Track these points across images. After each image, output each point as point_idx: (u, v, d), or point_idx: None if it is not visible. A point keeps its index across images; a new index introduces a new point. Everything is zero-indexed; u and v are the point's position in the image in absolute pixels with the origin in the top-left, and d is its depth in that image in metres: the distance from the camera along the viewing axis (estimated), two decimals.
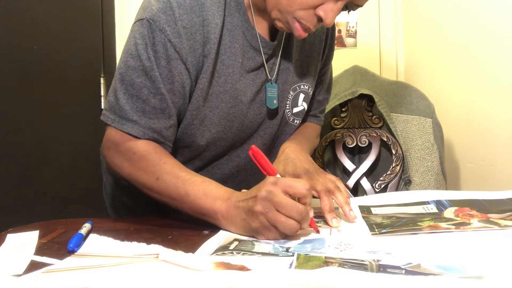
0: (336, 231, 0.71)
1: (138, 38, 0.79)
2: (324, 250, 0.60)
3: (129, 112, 0.79)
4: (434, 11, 1.64)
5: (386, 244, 0.61)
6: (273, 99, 0.91)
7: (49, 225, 0.77)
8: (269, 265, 0.54)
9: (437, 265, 0.50)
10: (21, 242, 0.68)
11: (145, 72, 0.79)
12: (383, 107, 1.44)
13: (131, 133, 0.80)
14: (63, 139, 1.64)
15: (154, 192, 0.79)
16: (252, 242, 0.66)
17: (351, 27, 1.88)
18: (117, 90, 0.80)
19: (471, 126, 1.46)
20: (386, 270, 0.49)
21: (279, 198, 0.65)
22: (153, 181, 0.77)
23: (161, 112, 0.81)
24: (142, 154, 0.79)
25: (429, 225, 0.68)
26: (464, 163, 1.51)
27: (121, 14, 1.78)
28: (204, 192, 0.73)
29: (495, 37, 1.34)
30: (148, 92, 0.79)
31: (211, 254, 0.60)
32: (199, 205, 0.73)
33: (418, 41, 1.78)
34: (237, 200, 0.70)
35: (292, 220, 0.64)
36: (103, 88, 1.75)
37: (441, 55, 1.60)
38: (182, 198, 0.74)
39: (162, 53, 0.79)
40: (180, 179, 0.75)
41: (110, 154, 0.83)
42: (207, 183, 0.75)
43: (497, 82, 1.34)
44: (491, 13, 1.35)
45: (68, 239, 0.65)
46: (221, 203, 0.71)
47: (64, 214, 0.90)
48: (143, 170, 0.78)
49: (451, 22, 1.53)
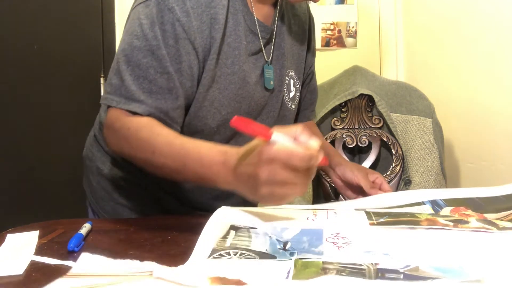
0: (333, 214, 0.71)
1: (144, 19, 0.78)
2: (321, 248, 0.59)
3: (136, 92, 0.77)
4: (434, 11, 1.64)
5: (384, 241, 0.60)
6: (270, 80, 0.92)
7: (49, 225, 0.76)
8: (266, 274, 0.53)
9: (435, 267, 0.50)
10: (21, 242, 0.68)
11: (152, 52, 0.77)
12: (383, 107, 1.44)
13: (137, 112, 0.77)
14: (63, 139, 1.64)
15: (153, 167, 0.76)
16: (249, 232, 0.65)
17: (351, 27, 1.88)
18: (122, 72, 0.78)
19: (471, 126, 1.46)
20: (385, 275, 0.49)
21: (281, 175, 0.60)
22: (150, 155, 0.74)
23: (168, 92, 0.79)
24: (136, 129, 0.76)
25: (427, 218, 0.68)
26: (464, 163, 1.51)
27: (121, 14, 1.78)
28: (199, 159, 0.70)
29: (495, 37, 1.34)
30: (154, 72, 0.78)
31: (208, 257, 0.58)
32: (199, 175, 0.71)
33: (418, 41, 1.78)
34: (234, 167, 0.66)
35: (299, 187, 0.61)
36: (103, 88, 1.75)
37: (441, 55, 1.60)
38: (181, 170, 0.72)
39: (170, 32, 0.78)
40: (174, 150, 0.73)
41: (108, 134, 0.81)
42: (200, 147, 0.72)
43: (497, 82, 1.34)
44: (491, 13, 1.35)
45: (68, 239, 0.65)
46: (217, 169, 0.68)
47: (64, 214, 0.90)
48: (138, 146, 0.76)
49: (451, 22, 1.53)
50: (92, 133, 1.06)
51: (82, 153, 1.06)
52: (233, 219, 0.69)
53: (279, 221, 0.69)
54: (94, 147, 1.01)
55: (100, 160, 0.99)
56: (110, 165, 0.98)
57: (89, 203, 1.04)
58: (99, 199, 1.00)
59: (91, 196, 1.02)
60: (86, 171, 1.04)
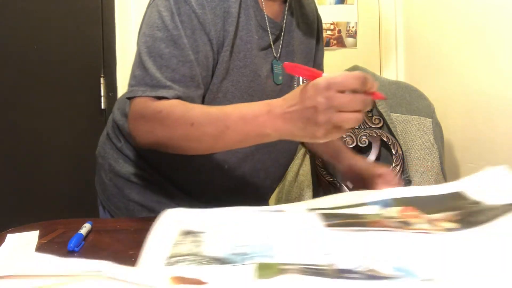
0: (286, 215, 0.72)
1: (163, 11, 0.80)
2: (275, 250, 0.58)
3: (161, 79, 0.78)
4: (434, 11, 1.64)
5: (336, 242, 0.61)
6: (278, 75, 0.94)
7: (49, 225, 0.76)
8: (226, 276, 0.52)
9: (395, 268, 0.51)
10: (21, 243, 0.68)
11: (174, 41, 0.79)
12: (383, 107, 1.44)
13: (165, 96, 0.77)
14: (63, 139, 1.64)
15: (193, 141, 0.75)
16: (200, 236, 0.63)
17: (351, 27, 1.88)
18: (145, 62, 0.79)
19: (471, 126, 1.46)
20: (344, 275, 0.49)
21: (340, 99, 0.62)
22: (188, 128, 0.73)
23: (191, 80, 0.80)
24: (168, 109, 0.76)
25: (375, 220, 0.70)
26: (464, 163, 1.51)
27: (121, 14, 1.78)
28: (241, 117, 0.70)
29: (495, 37, 1.34)
30: (177, 61, 0.79)
31: (162, 263, 0.56)
32: (243, 132, 0.70)
33: (418, 41, 1.78)
34: (282, 112, 0.66)
35: (357, 113, 0.63)
36: (103, 88, 1.75)
37: (441, 55, 1.60)
38: (223, 133, 0.71)
39: (187, 23, 0.80)
40: (213, 116, 0.73)
41: (138, 124, 0.79)
42: (239, 107, 0.73)
43: (497, 82, 1.34)
44: (491, 13, 1.35)
45: (68, 239, 0.65)
46: (263, 120, 0.68)
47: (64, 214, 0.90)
48: (174, 123, 0.75)
49: (451, 22, 1.53)
50: (105, 132, 1.07)
51: (95, 152, 1.07)
52: (182, 223, 0.68)
53: (231, 224, 0.69)
54: (107, 144, 1.03)
55: (112, 158, 1.00)
56: (122, 162, 0.99)
57: (100, 201, 1.04)
58: (110, 196, 1.00)
59: (102, 193, 1.03)
60: (98, 169, 1.05)
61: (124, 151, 0.98)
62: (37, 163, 1.57)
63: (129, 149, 0.98)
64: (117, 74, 1.77)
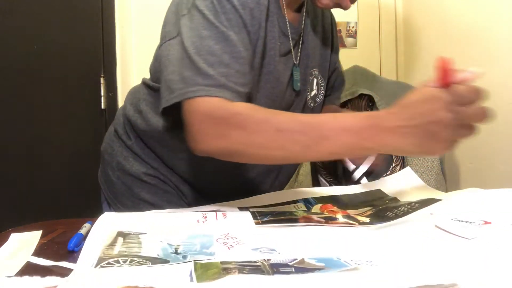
0: (222, 215, 0.74)
1: (205, 11, 0.76)
2: (213, 249, 0.60)
3: (216, 76, 0.72)
4: (434, 11, 1.64)
5: (269, 238, 0.64)
6: (297, 81, 0.93)
7: (49, 225, 0.76)
8: (170, 277, 0.52)
9: (317, 259, 0.55)
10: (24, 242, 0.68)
11: (224, 37, 0.75)
12: (383, 107, 1.44)
13: (225, 97, 0.72)
14: (63, 139, 1.64)
15: (276, 149, 0.68)
16: (138, 238, 0.64)
17: (351, 27, 1.88)
18: (196, 62, 0.73)
19: None
20: (279, 270, 0.52)
21: (466, 113, 0.61)
22: (273, 134, 0.67)
23: (243, 76, 0.76)
24: (248, 112, 0.70)
25: (303, 216, 0.75)
26: (464, 163, 1.51)
27: (121, 14, 1.78)
28: (343, 128, 0.65)
29: (495, 37, 1.34)
30: (229, 57, 0.74)
31: (95, 267, 0.55)
32: (343, 144, 0.65)
33: (418, 41, 1.78)
34: (394, 126, 0.62)
35: (473, 126, 0.63)
36: (103, 88, 1.75)
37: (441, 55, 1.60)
38: (318, 143, 0.66)
39: (234, 21, 0.77)
40: (305, 123, 0.67)
41: (206, 127, 0.71)
42: (336, 117, 0.67)
43: (497, 82, 1.34)
44: (491, 13, 1.35)
45: (68, 239, 0.65)
46: (369, 133, 0.63)
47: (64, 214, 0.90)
48: (257, 128, 0.68)
49: (451, 22, 1.53)
50: (112, 128, 1.05)
51: (100, 147, 1.05)
52: (120, 225, 0.68)
53: (169, 225, 0.70)
54: (115, 142, 1.01)
55: (121, 156, 0.99)
56: (132, 160, 0.97)
57: (105, 197, 1.04)
58: (118, 194, 0.99)
59: (109, 190, 1.02)
60: (103, 166, 1.03)
61: (134, 149, 0.97)
62: (37, 163, 1.57)
63: (140, 147, 0.97)
64: (117, 74, 1.77)
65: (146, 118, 0.94)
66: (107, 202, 1.03)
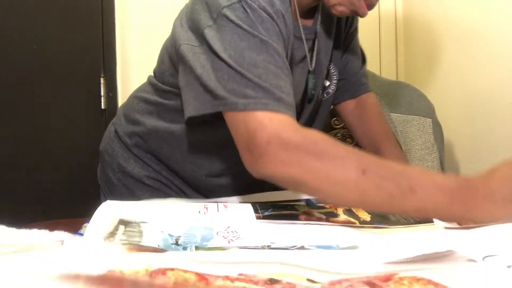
0: (223, 207, 0.74)
1: (238, 20, 0.71)
2: (213, 242, 0.61)
3: (269, 88, 0.66)
4: (434, 11, 1.64)
5: (269, 234, 0.65)
6: (312, 89, 0.90)
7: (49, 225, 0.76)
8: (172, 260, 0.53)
9: (317, 246, 0.56)
10: None
11: (265, 48, 0.70)
12: (383, 107, 1.44)
13: (289, 115, 0.66)
14: (63, 139, 1.64)
15: (355, 191, 0.60)
16: (139, 227, 0.64)
17: None
18: (242, 73, 0.67)
19: (471, 126, 1.46)
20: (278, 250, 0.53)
21: None
22: (356, 174, 0.59)
23: (290, 88, 0.71)
24: (327, 144, 0.63)
25: (304, 211, 0.76)
26: (464, 163, 1.51)
27: (121, 14, 1.77)
28: (434, 183, 0.58)
29: (495, 37, 1.34)
30: (275, 68, 0.69)
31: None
32: (431, 201, 0.58)
33: (418, 40, 1.78)
34: (492, 191, 0.56)
35: None
36: (103, 88, 1.75)
37: (441, 55, 1.60)
38: (404, 195, 0.58)
39: (272, 30, 0.72)
40: (393, 170, 0.60)
41: (276, 150, 0.63)
42: (425, 171, 0.63)
43: (497, 82, 1.34)
44: (491, 13, 1.35)
45: None
46: (462, 196, 0.57)
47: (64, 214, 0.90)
48: (339, 163, 0.61)
49: (452, 22, 1.53)
50: (112, 128, 1.02)
51: (99, 147, 1.04)
52: (121, 213, 0.68)
53: (170, 215, 0.70)
54: (115, 142, 0.98)
55: (122, 157, 0.96)
56: (133, 162, 0.95)
57: (104, 197, 1.02)
58: (118, 196, 0.97)
59: (109, 192, 1.00)
60: (103, 166, 1.01)
61: (135, 151, 0.95)
62: (37, 163, 1.57)
63: (142, 149, 0.95)
64: (117, 74, 1.77)
65: (154, 119, 0.92)
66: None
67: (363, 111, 1.06)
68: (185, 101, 0.75)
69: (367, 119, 1.06)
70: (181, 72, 0.77)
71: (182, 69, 0.77)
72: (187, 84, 0.75)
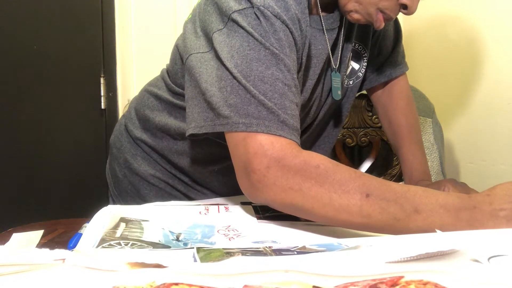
0: (224, 209, 0.75)
1: (249, 28, 0.66)
2: (214, 239, 0.61)
3: (274, 109, 0.63)
4: (434, 10, 1.64)
5: (270, 233, 0.65)
6: (337, 89, 0.85)
7: (49, 225, 0.76)
8: (173, 258, 0.52)
9: (318, 245, 0.54)
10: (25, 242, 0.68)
11: (275, 61, 0.66)
12: None
13: (292, 139, 0.64)
14: (63, 139, 1.64)
15: (359, 215, 0.59)
16: (140, 224, 0.65)
17: None
18: (246, 88, 0.64)
19: (471, 126, 1.46)
20: (281, 253, 0.51)
21: None
22: (361, 199, 0.58)
23: (296, 108, 0.67)
24: (329, 167, 0.60)
25: None
26: (464, 163, 1.51)
27: (121, 14, 1.78)
28: (438, 203, 0.58)
29: (495, 38, 1.34)
30: (283, 85, 0.66)
31: (96, 247, 0.55)
32: (436, 221, 0.57)
33: (418, 40, 1.78)
34: (495, 209, 0.56)
35: None
36: (103, 88, 1.75)
37: (441, 55, 1.60)
38: (409, 217, 0.57)
39: (285, 41, 0.67)
40: (396, 192, 0.59)
41: (276, 175, 0.61)
42: (428, 190, 0.60)
43: (497, 82, 1.34)
44: (491, 12, 1.35)
45: (68, 239, 0.65)
46: (467, 215, 0.57)
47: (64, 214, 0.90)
48: (341, 188, 0.59)
49: (452, 22, 1.53)
50: (123, 121, 0.99)
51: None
52: (123, 212, 0.69)
53: (171, 215, 0.71)
54: (124, 137, 0.96)
55: (129, 153, 0.94)
56: (140, 160, 0.93)
57: (110, 193, 1.01)
58: (123, 192, 0.96)
59: (114, 186, 0.98)
60: (111, 159, 0.99)
61: (144, 148, 0.92)
62: (37, 163, 1.57)
63: (150, 146, 0.92)
64: (117, 74, 1.77)
65: (165, 116, 0.89)
66: (112, 199, 1.00)
67: (389, 100, 1.02)
68: (188, 115, 0.72)
69: (392, 110, 1.02)
70: (187, 83, 0.74)
71: (188, 80, 0.74)
72: (192, 97, 0.72)
